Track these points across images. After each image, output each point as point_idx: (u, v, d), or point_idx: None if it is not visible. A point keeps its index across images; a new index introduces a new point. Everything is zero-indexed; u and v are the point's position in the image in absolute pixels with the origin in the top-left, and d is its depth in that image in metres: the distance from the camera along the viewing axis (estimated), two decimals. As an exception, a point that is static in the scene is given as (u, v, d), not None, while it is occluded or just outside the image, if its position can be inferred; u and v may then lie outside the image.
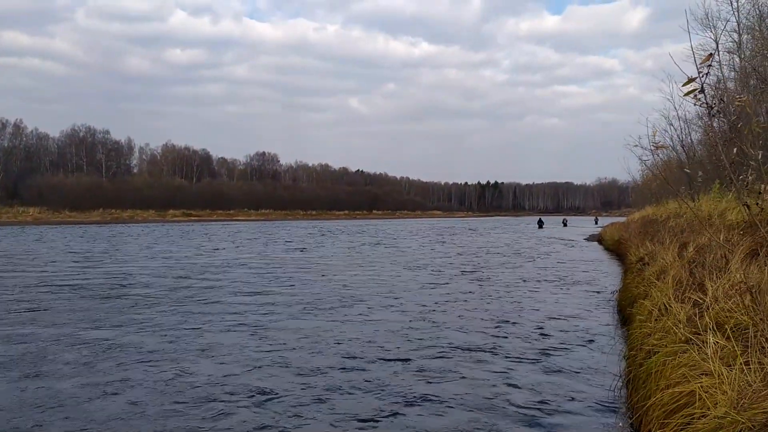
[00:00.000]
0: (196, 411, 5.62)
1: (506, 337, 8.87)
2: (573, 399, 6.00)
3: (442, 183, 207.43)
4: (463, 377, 6.76)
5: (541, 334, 9.10)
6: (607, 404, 5.81)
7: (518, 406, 5.78)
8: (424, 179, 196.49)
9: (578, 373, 6.94)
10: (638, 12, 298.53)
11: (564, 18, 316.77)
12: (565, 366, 7.24)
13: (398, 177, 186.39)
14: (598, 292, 13.72)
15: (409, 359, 7.53)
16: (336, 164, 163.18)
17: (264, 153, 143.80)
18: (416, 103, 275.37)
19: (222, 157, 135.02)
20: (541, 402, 5.91)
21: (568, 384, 6.51)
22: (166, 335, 8.86)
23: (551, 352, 7.92)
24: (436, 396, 6.07)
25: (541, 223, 68.22)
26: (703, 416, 3.85)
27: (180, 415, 5.51)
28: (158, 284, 14.76)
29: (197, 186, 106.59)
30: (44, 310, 11.03)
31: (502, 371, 7.02)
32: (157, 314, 10.58)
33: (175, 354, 7.75)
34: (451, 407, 5.77)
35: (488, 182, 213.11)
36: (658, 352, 5.42)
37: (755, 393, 3.71)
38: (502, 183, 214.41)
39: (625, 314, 10.02)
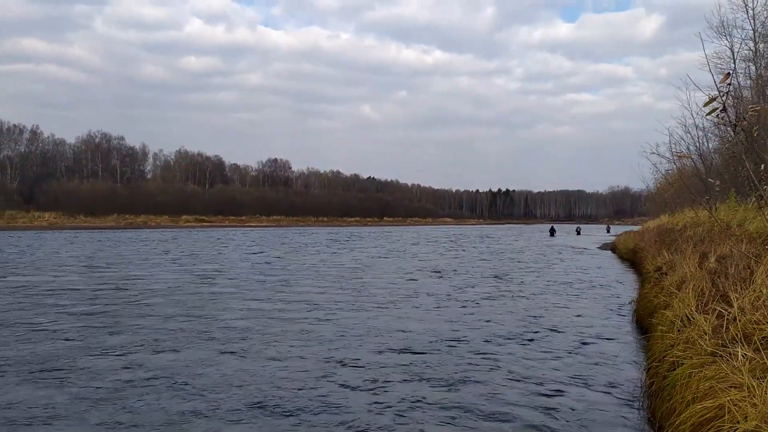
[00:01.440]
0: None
1: (523, 346, 8.83)
2: (596, 411, 5.96)
3: (453, 190, 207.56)
4: (484, 384, 6.74)
5: (559, 344, 9.03)
6: (630, 417, 5.76)
7: (539, 418, 5.75)
8: (435, 186, 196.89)
9: (599, 384, 6.87)
10: (653, 20, 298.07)
11: (577, 26, 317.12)
12: (585, 377, 7.17)
13: (409, 184, 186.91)
14: (614, 302, 13.62)
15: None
16: (347, 171, 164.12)
17: (276, 159, 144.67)
18: (427, 110, 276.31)
19: (234, 164, 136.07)
20: (563, 414, 5.87)
21: (590, 395, 6.45)
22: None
23: (571, 363, 7.86)
24: (454, 404, 6.06)
25: (553, 231, 67.94)
26: (732, 430, 3.82)
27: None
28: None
29: (210, 192, 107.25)
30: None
31: (520, 381, 6.99)
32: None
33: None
34: (470, 416, 5.76)
35: (499, 189, 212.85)
36: (683, 364, 5.37)
37: (788, 407, 3.68)
38: (514, 190, 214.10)
39: (643, 325, 9.94)
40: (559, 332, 10.02)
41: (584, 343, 9.15)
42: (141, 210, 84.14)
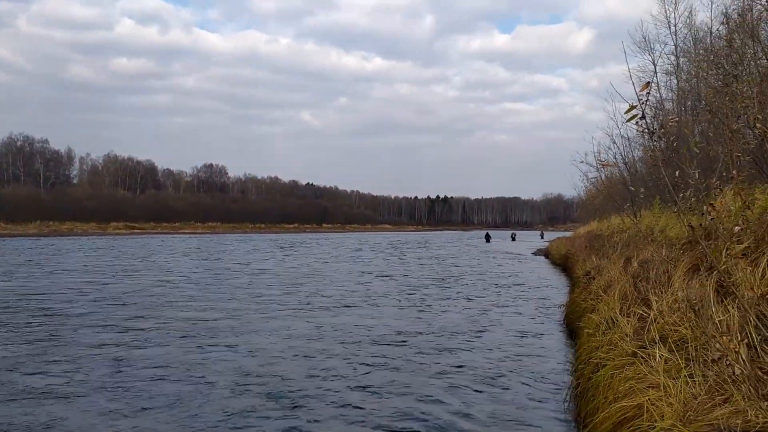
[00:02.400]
0: None
1: (452, 350, 8.91)
2: (522, 411, 6.06)
3: (393, 197, 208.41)
4: (411, 392, 6.75)
5: (489, 347, 9.16)
6: (556, 417, 5.89)
7: (466, 421, 5.79)
8: (375, 193, 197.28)
9: (527, 386, 7.00)
10: (584, 33, 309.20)
11: (513, 37, 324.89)
12: (513, 380, 7.30)
13: (349, 190, 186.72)
14: (545, 306, 13.96)
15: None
16: (286, 177, 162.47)
17: (212, 165, 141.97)
18: (368, 117, 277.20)
19: (168, 169, 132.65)
20: (491, 415, 5.94)
21: (517, 398, 6.56)
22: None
23: (500, 366, 7.97)
24: (379, 410, 6.04)
25: (488, 238, 69.27)
26: (650, 428, 3.94)
27: None
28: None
29: (141, 198, 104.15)
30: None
31: (449, 382, 7.04)
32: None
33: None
34: (395, 420, 5.75)
35: (438, 196, 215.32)
36: (606, 365, 5.54)
37: (700, 405, 3.82)
38: (452, 197, 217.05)
39: (572, 327, 10.21)
40: (490, 335, 10.18)
41: (514, 346, 9.32)
42: (66, 217, 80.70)
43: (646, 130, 4.94)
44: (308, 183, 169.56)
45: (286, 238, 72.23)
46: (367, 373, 7.61)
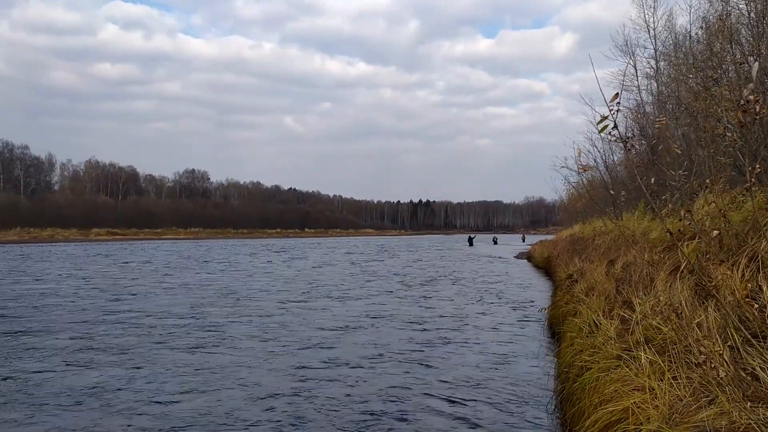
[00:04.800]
0: None
1: (432, 355, 8.88)
2: (506, 415, 6.04)
3: (375, 201, 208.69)
4: (394, 394, 6.71)
5: (470, 352, 9.16)
6: (540, 422, 5.87)
7: (448, 428, 5.76)
8: (357, 198, 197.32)
9: (511, 390, 6.99)
10: (566, 38, 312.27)
11: (497, 42, 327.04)
12: (496, 382, 7.29)
13: (331, 195, 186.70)
14: (528, 309, 13.99)
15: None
16: (268, 182, 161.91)
17: (194, 170, 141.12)
18: (351, 122, 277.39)
19: (149, 174, 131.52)
20: (475, 420, 5.92)
21: (500, 400, 6.54)
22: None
23: (482, 371, 7.96)
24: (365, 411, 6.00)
25: (471, 241, 69.40)
26: (636, 431, 3.94)
27: None
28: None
29: (123, 204, 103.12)
30: None
31: (429, 388, 7.01)
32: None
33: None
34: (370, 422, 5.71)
35: (420, 201, 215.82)
36: (591, 368, 5.54)
37: (686, 407, 3.82)
38: (434, 201, 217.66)
39: (555, 330, 10.24)
40: (471, 339, 10.17)
41: (497, 349, 9.32)
42: (47, 223, 79.62)
43: (618, 140, 4.96)
44: (291, 188, 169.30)
45: (279, 243, 72.10)
46: (333, 379, 7.56)
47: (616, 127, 4.64)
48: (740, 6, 10.44)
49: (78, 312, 13.17)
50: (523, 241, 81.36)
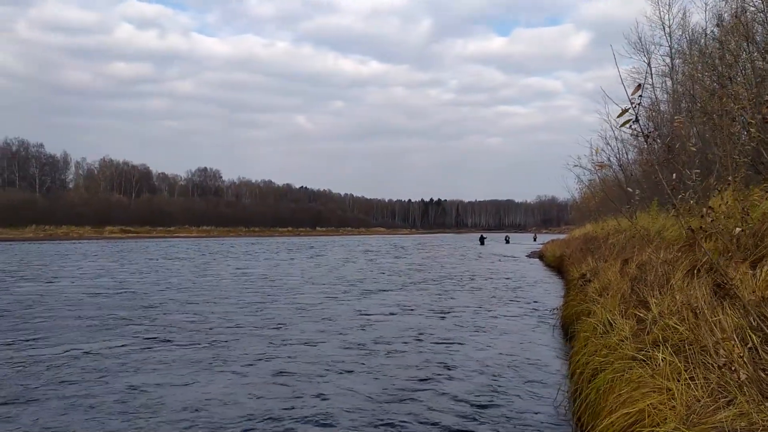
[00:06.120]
0: None
1: (445, 354, 8.86)
2: (520, 417, 6.01)
3: (386, 200, 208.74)
4: (403, 397, 6.70)
5: (483, 351, 9.12)
6: (554, 423, 5.83)
7: (462, 427, 5.74)
8: (368, 196, 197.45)
9: (524, 391, 6.94)
10: (581, 36, 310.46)
11: (510, 40, 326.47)
12: (509, 383, 7.24)
13: (342, 194, 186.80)
14: (540, 309, 13.91)
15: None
16: (279, 181, 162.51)
17: (206, 169, 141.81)
18: (363, 121, 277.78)
19: (162, 173, 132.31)
20: (487, 421, 5.89)
21: (514, 402, 6.50)
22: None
23: (495, 370, 7.92)
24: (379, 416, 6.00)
25: (483, 240, 69.17)
26: (653, 432, 3.91)
27: None
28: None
29: (136, 202, 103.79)
30: None
31: (443, 387, 7.00)
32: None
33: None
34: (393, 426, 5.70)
35: (431, 199, 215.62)
36: (605, 369, 5.49)
37: (703, 408, 3.79)
38: (445, 200, 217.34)
39: (568, 330, 10.17)
40: (484, 339, 10.13)
41: (509, 349, 9.28)
42: (62, 221, 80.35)
43: (641, 134, 4.90)
44: (302, 186, 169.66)
45: (293, 242, 72.79)
46: (358, 372, 7.57)
47: (637, 120, 4.59)
48: (756, 3, 10.32)
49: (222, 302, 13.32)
50: (535, 240, 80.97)
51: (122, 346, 9.41)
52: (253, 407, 6.32)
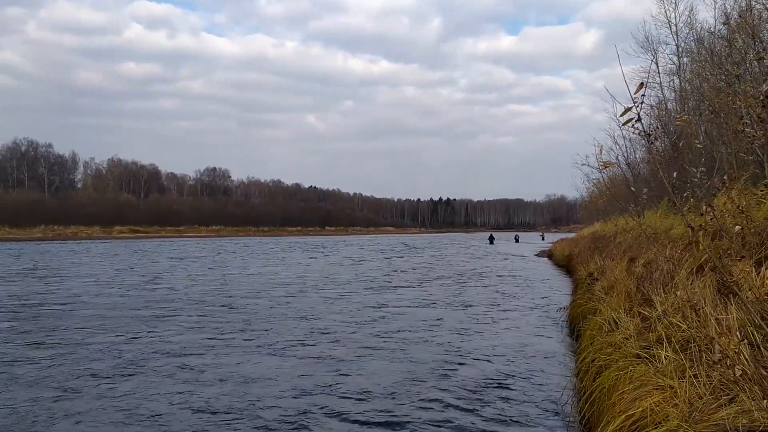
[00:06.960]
0: None
1: (452, 350, 8.90)
2: (525, 414, 6.04)
3: (395, 199, 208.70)
4: (418, 391, 6.75)
5: (490, 348, 9.15)
6: (559, 420, 5.86)
7: (466, 423, 5.78)
8: (377, 196, 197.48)
9: (530, 388, 6.98)
10: (591, 34, 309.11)
11: (520, 39, 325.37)
12: (515, 381, 7.27)
13: (351, 193, 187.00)
14: (548, 307, 13.91)
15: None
16: (289, 180, 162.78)
17: (215, 168, 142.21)
18: (373, 120, 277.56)
19: (171, 172, 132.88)
20: (492, 417, 5.92)
21: (519, 398, 6.54)
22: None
23: (502, 367, 7.95)
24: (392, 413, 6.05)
25: (492, 239, 69.10)
26: (656, 429, 3.93)
27: None
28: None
29: (145, 202, 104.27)
30: None
31: (449, 383, 7.04)
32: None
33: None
34: (402, 422, 5.75)
35: (441, 198, 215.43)
36: (610, 366, 5.52)
37: (706, 405, 3.81)
38: (455, 199, 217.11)
39: (575, 328, 10.19)
40: (492, 336, 10.19)
41: (516, 347, 9.31)
42: (71, 221, 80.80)
43: (643, 132, 4.91)
44: (311, 186, 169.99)
45: (303, 241, 73.72)
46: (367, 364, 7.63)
47: (639, 119, 4.59)
48: (763, 1, 10.29)
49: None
50: (543, 239, 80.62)
51: (179, 334, 10.51)
52: (297, 384, 7.19)
